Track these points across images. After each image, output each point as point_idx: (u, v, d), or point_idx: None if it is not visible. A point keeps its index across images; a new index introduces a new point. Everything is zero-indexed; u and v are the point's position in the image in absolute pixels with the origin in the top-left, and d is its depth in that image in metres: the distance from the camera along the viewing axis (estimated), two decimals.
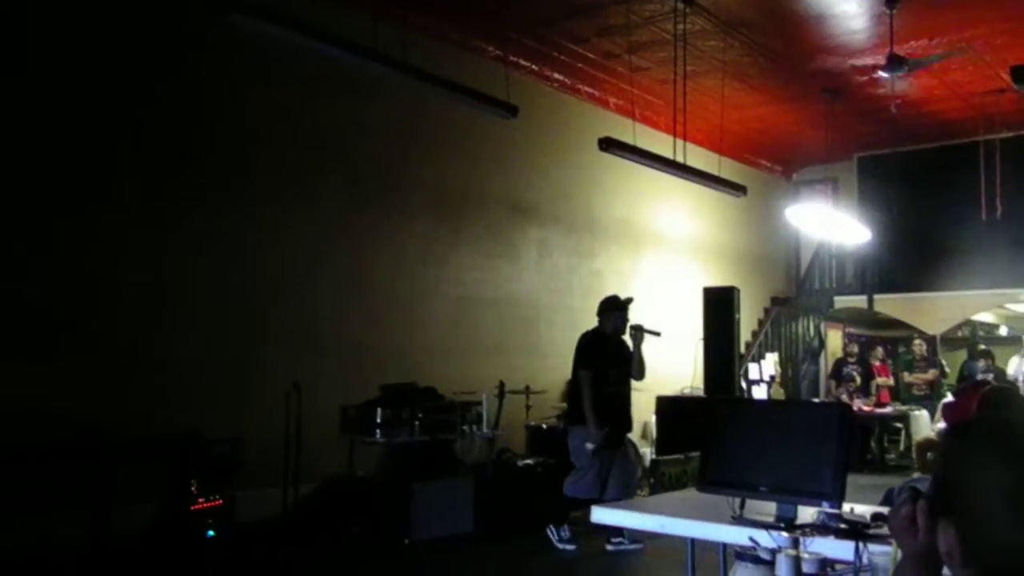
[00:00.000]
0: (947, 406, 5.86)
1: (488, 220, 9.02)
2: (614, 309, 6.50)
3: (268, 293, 6.89)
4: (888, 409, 11.47)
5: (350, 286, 7.54)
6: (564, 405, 8.08)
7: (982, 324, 13.62)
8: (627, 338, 6.60)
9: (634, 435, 8.99)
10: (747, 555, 1.66)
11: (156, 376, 6.01)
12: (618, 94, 10.19)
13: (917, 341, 12.00)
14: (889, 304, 12.35)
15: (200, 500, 5.54)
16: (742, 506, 2.85)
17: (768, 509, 2.83)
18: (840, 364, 12.22)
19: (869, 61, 9.37)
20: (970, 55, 8.85)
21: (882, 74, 8.13)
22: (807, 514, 2.75)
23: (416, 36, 6.56)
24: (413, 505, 6.10)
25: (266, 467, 5.96)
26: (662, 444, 9.29)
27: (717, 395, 9.93)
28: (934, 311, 12.02)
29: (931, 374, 11.68)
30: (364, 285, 7.66)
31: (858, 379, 11.97)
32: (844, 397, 11.74)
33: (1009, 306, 11.99)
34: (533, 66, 9.24)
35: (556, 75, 9.61)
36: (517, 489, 6.87)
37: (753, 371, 11.48)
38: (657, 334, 6.77)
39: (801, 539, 2.57)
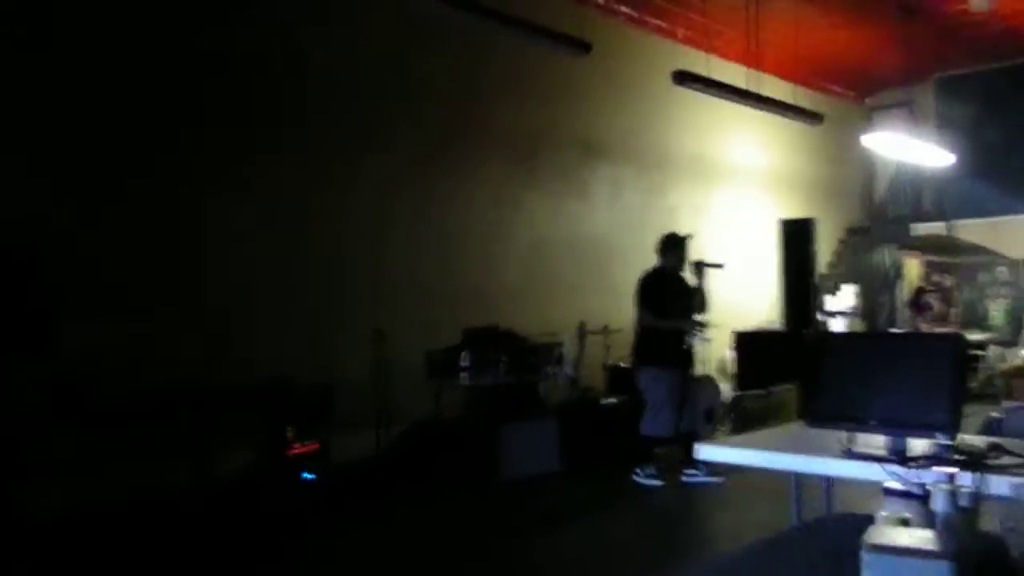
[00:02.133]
0: None
1: (559, 160, 8.98)
2: (672, 246, 6.47)
3: (346, 242, 7.01)
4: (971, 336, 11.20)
5: (424, 232, 7.63)
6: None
7: None
8: (688, 273, 6.57)
9: (711, 370, 9.01)
10: (896, 491, 1.68)
11: (248, 327, 6.21)
12: (688, 24, 9.92)
13: (1000, 268, 11.64)
14: (969, 230, 11.97)
15: (296, 445, 5.76)
16: (850, 440, 2.85)
17: (876, 442, 2.83)
18: (919, 293, 11.93)
19: None
20: None
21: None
22: (918, 447, 2.74)
23: None
24: (500, 446, 6.25)
25: (357, 412, 6.15)
26: (742, 379, 9.29)
27: (796, 328, 9.85)
28: (1017, 235, 11.62)
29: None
30: (438, 230, 7.74)
31: (936, 307, 11.69)
32: (923, 326, 11.50)
33: None
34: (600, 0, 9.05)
35: (624, 8, 9.40)
36: (600, 428, 6.98)
37: (830, 303, 11.32)
38: (719, 266, 6.71)
39: (916, 471, 2.58)
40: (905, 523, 1.46)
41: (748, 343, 9.61)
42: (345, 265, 6.99)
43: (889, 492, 1.73)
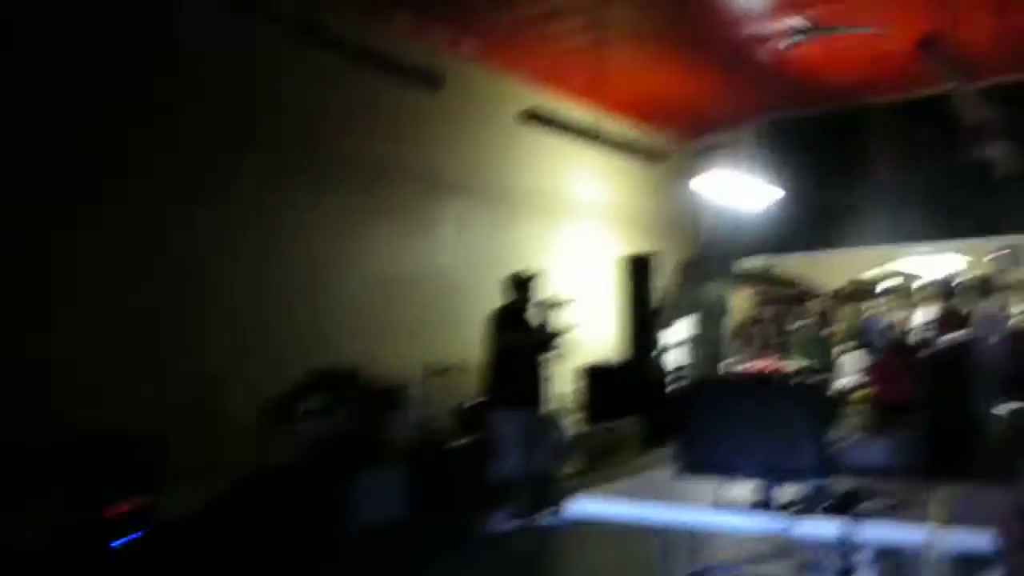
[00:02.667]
0: (874, 370, 6.01)
1: (405, 194, 8.77)
2: (520, 284, 6.48)
3: (182, 277, 6.48)
4: (790, 366, 11.85)
5: (267, 267, 7.18)
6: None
7: (867, 280, 14.25)
8: (537, 311, 6.56)
9: (556, 405, 9.03)
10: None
11: (60, 372, 5.56)
12: (534, 62, 10.05)
13: (818, 299, 12.44)
14: (790, 263, 12.76)
15: (113, 503, 5.17)
16: (722, 488, 2.81)
17: (747, 491, 2.81)
18: (744, 324, 12.56)
19: (773, 27, 9.53)
20: (875, 31, 9.10)
21: (792, 39, 8.25)
22: (788, 494, 2.74)
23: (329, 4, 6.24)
24: (345, 495, 5.91)
25: (189, 463, 5.63)
26: (587, 413, 9.37)
27: (639, 361, 10.10)
28: (831, 268, 12.50)
29: (831, 330, 12.12)
30: (281, 266, 7.32)
31: (761, 338, 12.33)
32: (750, 356, 12.10)
33: (896, 261, 12.57)
34: (447, 36, 8.98)
35: (471, 44, 9.37)
36: (450, 472, 6.77)
37: (666, 335, 11.69)
38: (568, 304, 6.77)
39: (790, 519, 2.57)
40: None
41: (592, 377, 9.73)
42: (182, 302, 6.44)
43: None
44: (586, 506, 2.99)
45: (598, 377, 9.73)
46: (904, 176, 12.11)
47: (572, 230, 11.32)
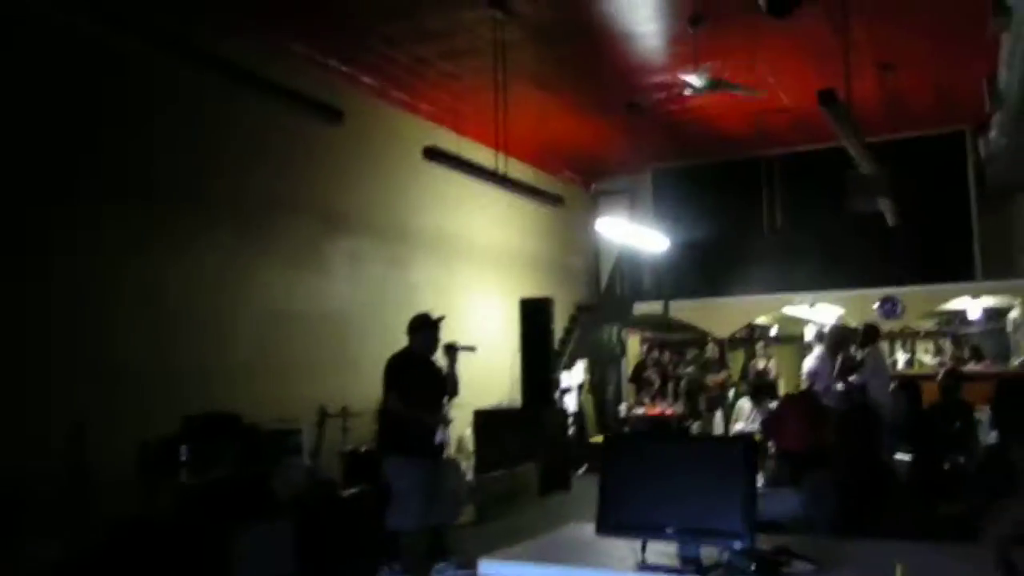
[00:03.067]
0: (773, 421, 6.06)
1: (296, 230, 8.43)
2: (424, 328, 6.20)
3: (50, 316, 5.95)
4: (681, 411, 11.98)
5: (144, 306, 6.70)
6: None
7: (758, 326, 14.67)
8: (439, 355, 6.34)
9: (453, 451, 8.77)
10: None
11: None
12: (435, 102, 9.94)
13: (710, 344, 12.70)
14: (683, 310, 12.98)
15: None
16: (644, 549, 2.66)
17: (670, 551, 2.67)
18: (639, 368, 12.67)
19: (669, 79, 9.76)
20: (763, 92, 9.43)
21: (687, 91, 8.44)
22: (709, 552, 2.62)
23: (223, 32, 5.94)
24: (227, 550, 5.47)
25: (51, 519, 5.10)
26: (482, 460, 9.13)
27: (534, 405, 9.96)
28: (723, 315, 12.79)
29: (723, 375, 12.38)
30: (160, 305, 6.85)
31: (657, 382, 12.46)
32: (646, 400, 12.20)
33: (785, 309, 12.98)
34: (344, 68, 8.77)
35: (367, 79, 9.18)
36: (341, 522, 6.40)
37: (564, 379, 11.64)
38: (472, 349, 6.57)
39: None
40: None
41: (487, 422, 9.52)
42: (49, 343, 5.90)
43: None
44: (502, 569, 2.77)
45: (494, 421, 9.53)
46: (793, 227, 12.59)
47: (471, 271, 11.18)
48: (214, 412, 6.00)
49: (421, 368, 6.12)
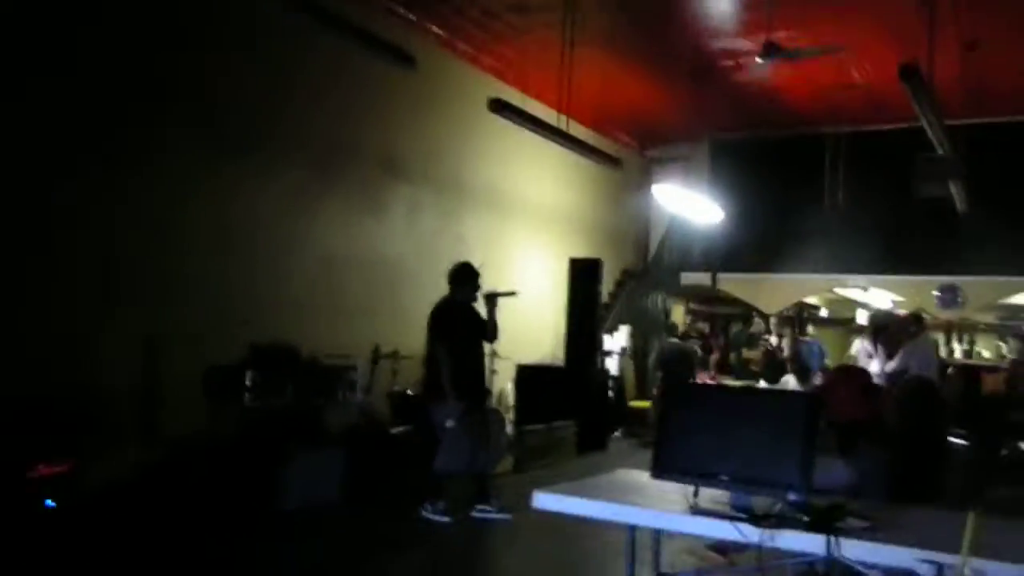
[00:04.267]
0: (821, 392, 6.07)
1: (358, 174, 8.58)
2: (465, 277, 6.32)
3: (128, 242, 6.18)
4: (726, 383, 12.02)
5: (212, 237, 6.92)
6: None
7: (807, 306, 14.57)
8: (479, 304, 6.44)
9: (495, 402, 8.93)
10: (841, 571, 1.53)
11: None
12: (500, 58, 9.96)
13: (755, 319, 12.67)
14: (731, 283, 12.93)
15: (40, 466, 4.89)
16: (696, 495, 2.76)
17: (719, 499, 2.76)
18: (683, 337, 12.67)
19: (738, 46, 9.64)
20: (831, 53, 9.26)
21: (757, 60, 8.34)
22: (763, 505, 2.69)
23: None
24: (281, 474, 5.70)
25: (122, 429, 5.36)
26: (522, 413, 9.30)
27: (577, 365, 10.08)
28: (772, 292, 12.71)
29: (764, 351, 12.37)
30: (230, 237, 7.06)
31: (699, 353, 12.48)
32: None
33: (837, 290, 12.86)
34: (413, 16, 8.80)
35: (437, 30, 9.22)
36: (388, 458, 6.61)
37: (607, 342, 11.71)
38: (512, 294, 6.64)
39: (768, 532, 2.52)
40: None
41: (529, 378, 9.66)
42: (120, 267, 6.14)
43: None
44: (551, 502, 2.90)
45: (536, 377, 9.67)
46: (853, 207, 12.35)
47: (523, 227, 11.25)
48: (277, 343, 6.20)
49: (464, 315, 6.25)
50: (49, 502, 4.91)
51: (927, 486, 3.22)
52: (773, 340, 12.51)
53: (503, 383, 9.71)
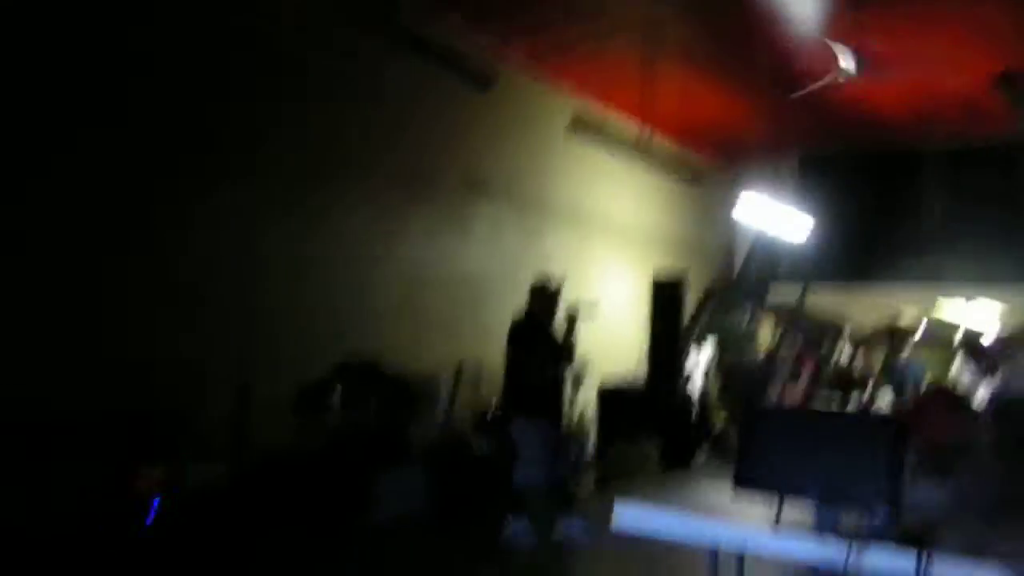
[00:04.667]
0: (914, 412, 5.86)
1: (440, 195, 8.72)
2: (544, 293, 6.34)
3: (219, 262, 6.43)
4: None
5: (302, 258, 7.12)
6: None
7: (903, 325, 14.01)
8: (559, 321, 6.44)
9: (577, 422, 8.91)
10: None
11: (103, 355, 5.52)
12: (580, 75, 10.00)
13: (846, 336, 12.25)
14: (823, 298, 12.58)
15: (142, 480, 5.12)
16: (780, 510, 2.70)
17: (804, 516, 2.69)
18: (771, 355, 12.38)
19: (826, 60, 9.43)
20: (924, 65, 8.97)
21: (842, 70, 8.14)
22: (848, 526, 2.62)
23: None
24: (366, 489, 5.82)
25: (215, 444, 5.57)
26: (603, 433, 9.25)
27: (657, 387, 9.97)
28: (866, 307, 12.31)
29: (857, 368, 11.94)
30: (317, 257, 7.26)
31: (788, 369, 12.15)
32: (777, 387, 11.92)
33: (937, 305, 12.36)
34: (497, 40, 8.93)
35: (517, 52, 9.33)
36: (471, 475, 6.67)
37: (691, 359, 11.53)
38: (594, 305, 6.60)
39: (855, 548, 2.46)
40: None
41: (610, 399, 9.61)
42: (218, 289, 6.38)
43: None
44: (638, 517, 2.87)
45: (619, 398, 9.61)
46: (953, 223, 11.89)
47: (605, 244, 11.22)
48: (364, 361, 6.35)
49: (543, 331, 6.27)
50: (151, 512, 5.14)
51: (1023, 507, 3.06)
52: (845, 355, 12.05)
53: (585, 403, 9.68)
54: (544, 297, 6.30)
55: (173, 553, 4.96)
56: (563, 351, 6.34)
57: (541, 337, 6.26)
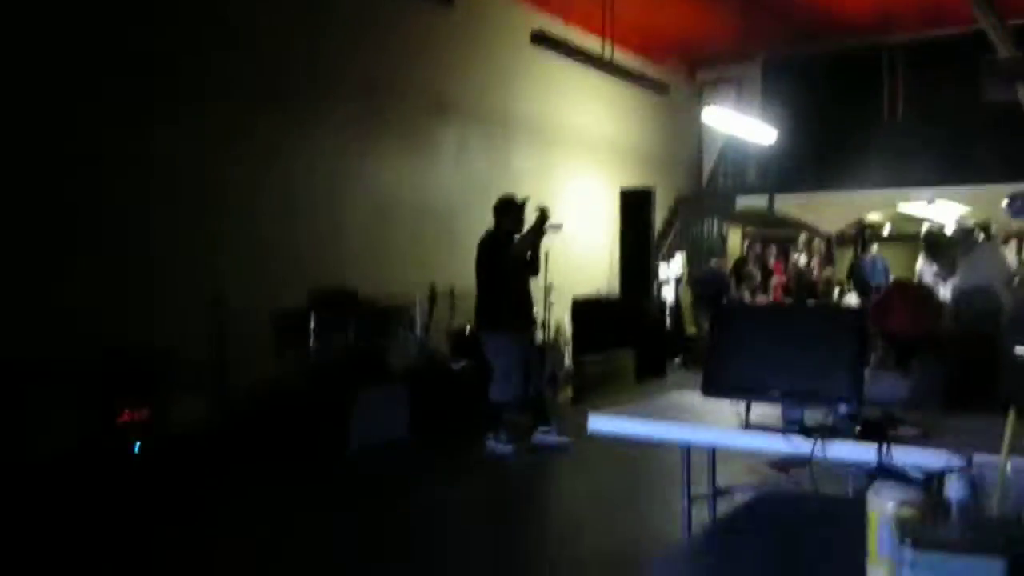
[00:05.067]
0: (879, 307, 6.00)
1: (407, 116, 8.60)
2: (510, 209, 6.36)
3: (187, 197, 6.35)
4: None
5: (268, 187, 7.06)
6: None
7: (869, 223, 14.22)
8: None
9: (551, 335, 9.04)
10: (889, 473, 1.57)
11: (71, 289, 5.49)
12: None
13: (815, 240, 12.45)
14: (789, 204, 12.70)
15: (125, 413, 5.18)
16: (748, 411, 2.80)
17: (770, 416, 2.79)
18: (740, 263, 12.56)
19: None
20: None
21: None
22: (814, 420, 2.72)
23: None
24: (348, 413, 5.92)
25: (195, 377, 5.61)
26: (579, 344, 9.38)
27: (632, 295, 10.10)
28: (831, 210, 12.45)
29: (829, 271, 12.18)
30: (280, 186, 7.19)
31: (758, 277, 12.36)
32: (746, 295, 12.14)
33: (900, 205, 12.52)
34: None
35: None
36: (450, 393, 6.79)
37: (662, 271, 11.68)
38: (558, 227, 6.64)
39: (820, 443, 2.57)
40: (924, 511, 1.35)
41: (585, 310, 9.71)
42: (178, 220, 6.32)
43: (881, 474, 1.62)
44: (605, 423, 2.97)
45: (592, 309, 9.72)
46: (915, 118, 11.91)
47: (573, 160, 11.18)
48: (336, 287, 6.36)
49: (507, 248, 6.30)
50: (136, 446, 5.22)
51: (983, 393, 3.20)
52: (802, 260, 12.24)
53: (559, 316, 9.80)
54: (509, 211, 6.32)
55: (158, 487, 5.05)
56: (529, 264, 6.40)
57: (507, 252, 6.29)
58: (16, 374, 4.64)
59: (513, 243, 6.25)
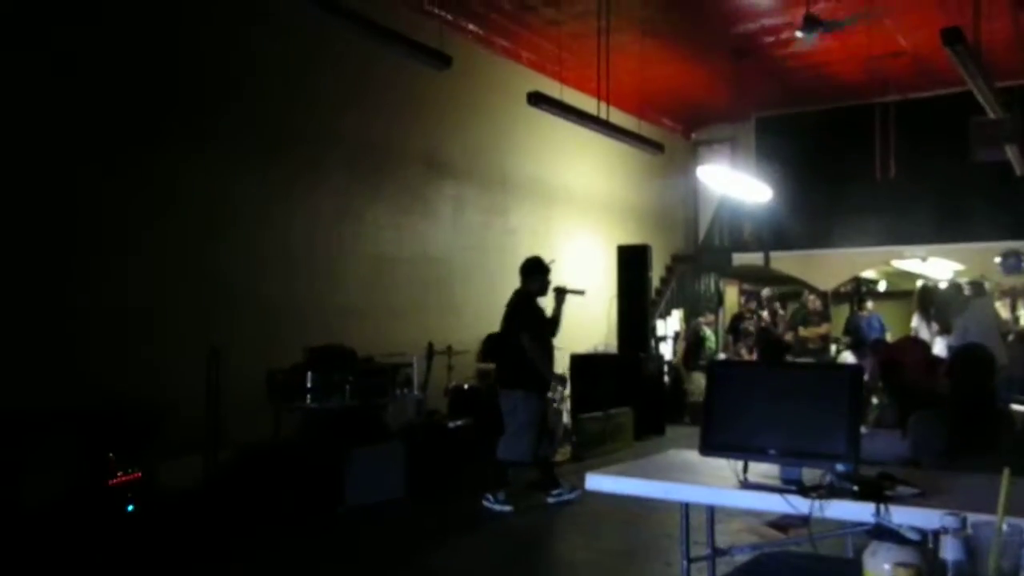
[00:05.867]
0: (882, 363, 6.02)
1: (404, 176, 8.71)
2: (538, 271, 6.40)
3: (182, 255, 6.40)
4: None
5: (264, 244, 7.11)
6: (487, 366, 7.98)
7: (864, 280, 14.29)
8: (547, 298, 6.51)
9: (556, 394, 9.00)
10: (885, 533, 1.56)
11: (67, 345, 5.50)
12: (537, 50, 10.01)
13: (811, 297, 12.47)
14: (784, 261, 12.78)
15: (118, 473, 5.14)
16: (745, 470, 2.79)
17: (769, 474, 2.79)
18: (737, 319, 12.58)
19: (777, 22, 9.54)
20: (873, 19, 9.10)
21: (798, 34, 8.23)
22: (811, 478, 2.72)
23: None
24: (344, 472, 5.86)
25: (189, 436, 5.58)
26: (578, 402, 9.35)
27: (631, 351, 10.09)
28: (827, 267, 12.52)
29: (824, 328, 12.18)
30: (279, 243, 7.25)
31: (754, 333, 12.35)
32: (743, 351, 12.13)
33: (894, 262, 12.61)
34: (449, 16, 8.90)
35: (473, 27, 9.31)
36: (447, 452, 6.74)
37: (660, 327, 11.70)
38: (581, 293, 6.71)
39: (818, 503, 2.55)
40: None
41: (584, 366, 9.71)
42: (178, 277, 6.36)
43: (879, 535, 1.62)
44: (603, 483, 2.95)
45: (591, 366, 9.72)
46: (907, 177, 12.06)
47: (569, 218, 11.29)
48: (334, 344, 6.36)
49: (537, 308, 6.34)
50: (130, 507, 5.16)
51: (981, 452, 3.19)
52: (765, 315, 12.22)
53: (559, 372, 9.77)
54: (535, 273, 6.35)
55: (151, 545, 4.99)
56: (553, 325, 6.42)
57: (538, 312, 6.32)
58: (9, 423, 4.61)
59: (537, 303, 6.28)
